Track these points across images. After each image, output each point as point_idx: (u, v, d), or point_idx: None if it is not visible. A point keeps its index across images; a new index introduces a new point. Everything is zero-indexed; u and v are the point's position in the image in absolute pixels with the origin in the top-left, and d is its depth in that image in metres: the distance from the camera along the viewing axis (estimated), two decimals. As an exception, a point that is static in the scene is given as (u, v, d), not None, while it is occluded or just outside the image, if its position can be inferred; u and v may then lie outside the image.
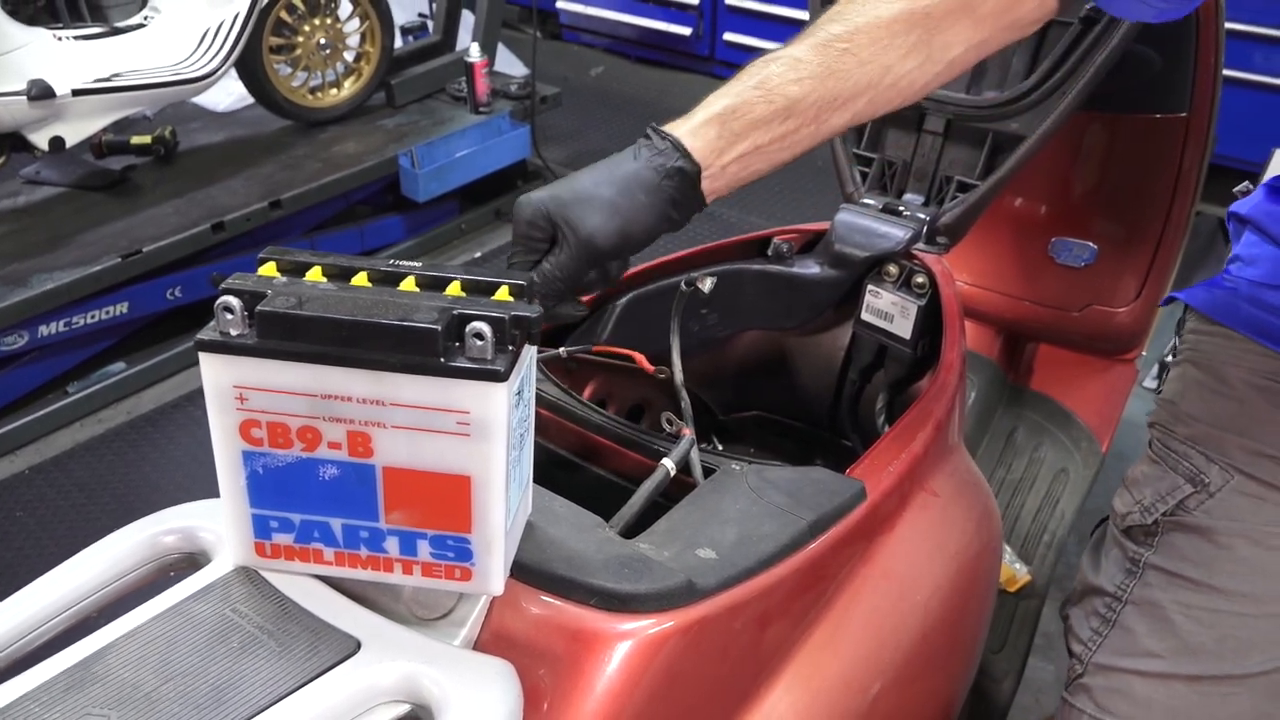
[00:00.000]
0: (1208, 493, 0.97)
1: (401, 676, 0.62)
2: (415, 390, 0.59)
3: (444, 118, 3.13)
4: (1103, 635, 1.02)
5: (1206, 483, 0.97)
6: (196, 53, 2.63)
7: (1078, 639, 1.06)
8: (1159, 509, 0.99)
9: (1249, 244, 1.04)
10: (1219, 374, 1.00)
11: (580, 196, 0.75)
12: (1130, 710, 0.98)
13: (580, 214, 0.74)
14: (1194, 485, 0.97)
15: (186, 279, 2.59)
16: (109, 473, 2.30)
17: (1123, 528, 1.04)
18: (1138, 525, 1.01)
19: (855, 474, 0.89)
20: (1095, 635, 1.03)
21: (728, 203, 3.41)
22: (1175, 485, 0.99)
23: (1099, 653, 1.02)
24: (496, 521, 0.63)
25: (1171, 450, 1.01)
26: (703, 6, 4.16)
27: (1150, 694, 0.97)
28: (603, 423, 0.93)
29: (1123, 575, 1.02)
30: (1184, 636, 0.96)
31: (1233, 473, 0.96)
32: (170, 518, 0.73)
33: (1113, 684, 1.00)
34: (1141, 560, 1.01)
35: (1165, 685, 0.96)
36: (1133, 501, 1.03)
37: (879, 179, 1.36)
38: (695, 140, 0.77)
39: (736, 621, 0.74)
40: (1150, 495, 1.01)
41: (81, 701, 0.57)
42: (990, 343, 1.80)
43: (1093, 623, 1.04)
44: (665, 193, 0.76)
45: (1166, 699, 0.96)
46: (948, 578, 0.95)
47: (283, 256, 0.64)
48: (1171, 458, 1.01)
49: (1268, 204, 1.00)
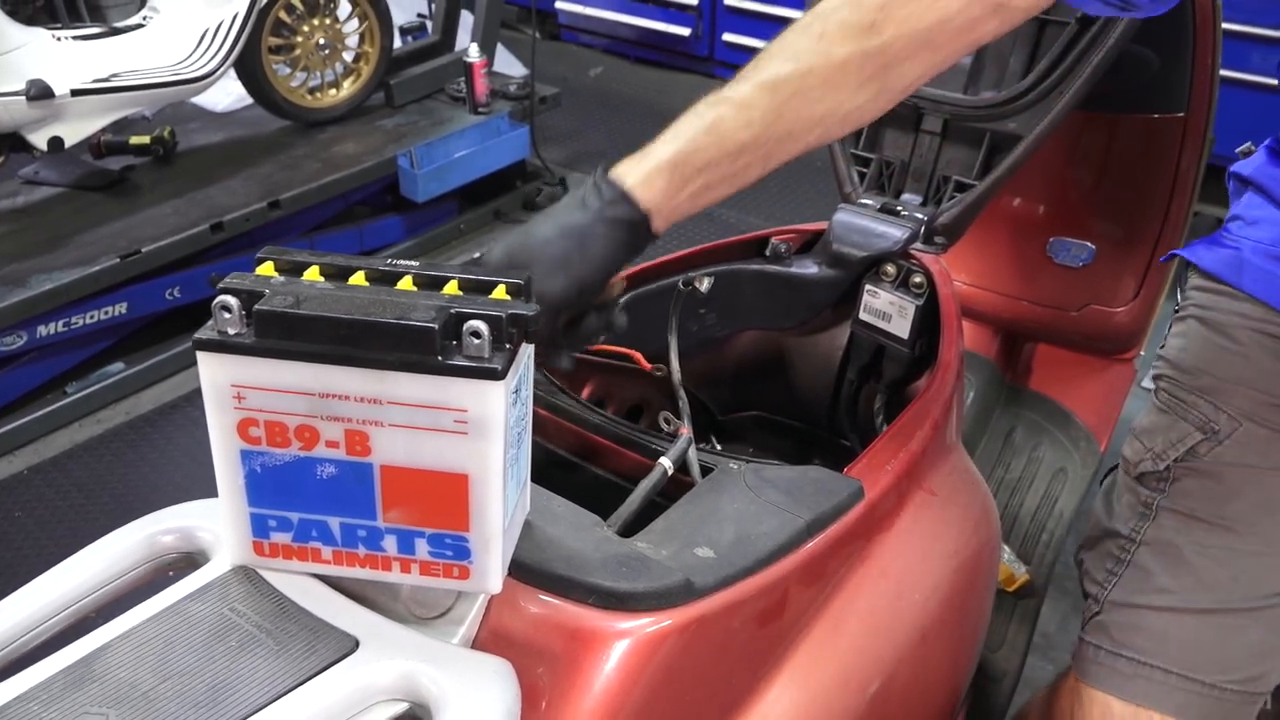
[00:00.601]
0: (1217, 440, 1.00)
1: (400, 675, 0.62)
2: (413, 389, 0.60)
3: (443, 118, 3.13)
4: (1117, 575, 1.05)
5: (1216, 430, 1.00)
6: (195, 53, 2.63)
7: (1093, 580, 1.09)
8: (1170, 455, 1.02)
9: (1251, 205, 1.05)
10: (1224, 330, 1.02)
11: (533, 254, 0.77)
12: (1145, 643, 1.01)
13: (534, 273, 0.74)
14: (1204, 433, 1.00)
15: (185, 279, 2.59)
16: (108, 473, 2.30)
17: (1135, 474, 1.07)
18: (1150, 471, 1.04)
19: (853, 473, 0.89)
20: (1110, 575, 1.06)
21: (727, 203, 3.39)
22: (1186, 433, 1.02)
23: (1114, 591, 1.05)
24: (494, 520, 0.63)
25: (1180, 400, 1.04)
26: (701, 7, 4.16)
27: (1165, 627, 1.00)
28: (601, 422, 0.93)
29: (1136, 518, 1.05)
30: (1197, 573, 0.99)
31: (1241, 420, 0.98)
32: (168, 517, 0.73)
33: (1128, 619, 1.03)
34: (1154, 504, 1.04)
35: (1178, 619, 1.00)
36: (1144, 449, 1.06)
37: (877, 179, 1.36)
38: (645, 190, 0.79)
39: (734, 620, 0.74)
40: (1161, 443, 1.04)
41: (80, 700, 0.57)
42: (989, 343, 1.80)
43: (1108, 564, 1.07)
44: (616, 241, 0.78)
45: (1180, 631, 1.00)
46: (946, 576, 0.96)
47: (280, 256, 0.64)
48: (1180, 407, 1.03)
49: (1270, 166, 1.02)
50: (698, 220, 0.83)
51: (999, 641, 1.47)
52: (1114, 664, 1.03)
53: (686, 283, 1.04)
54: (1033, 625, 1.50)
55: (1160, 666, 1.00)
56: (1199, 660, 0.99)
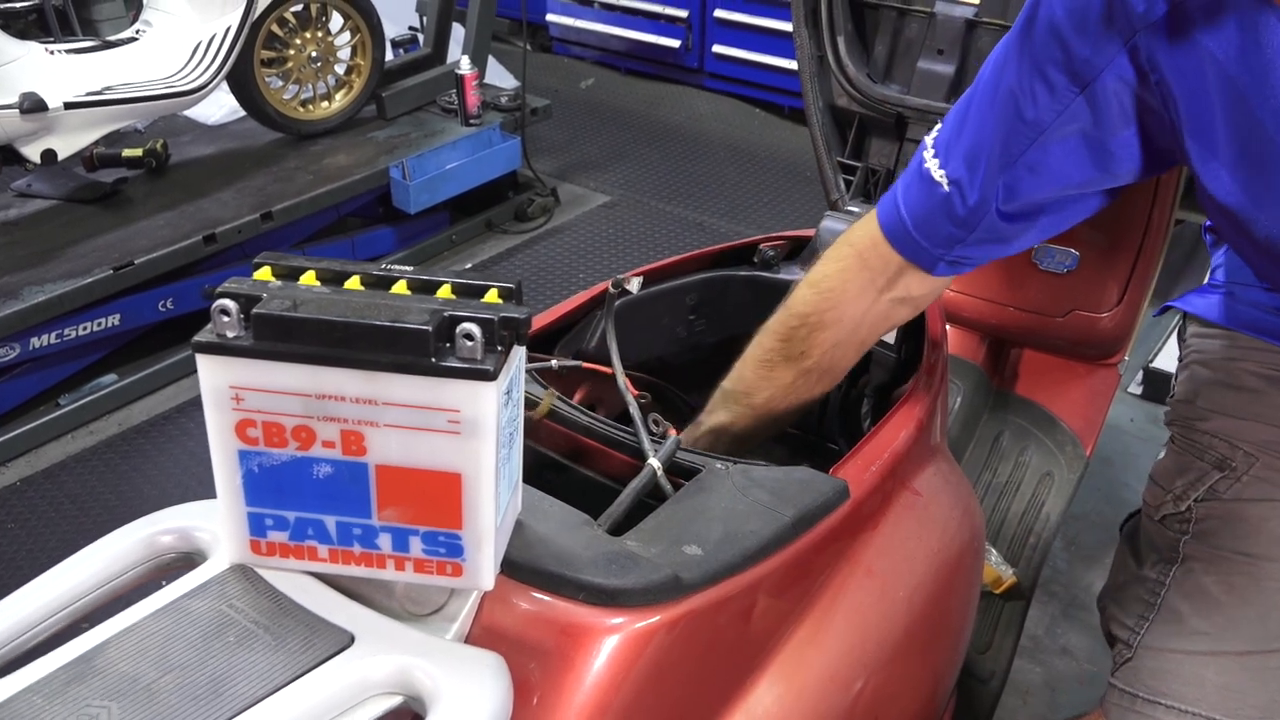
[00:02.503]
0: (1235, 476, 1.01)
1: (395, 669, 0.63)
2: (407, 390, 0.61)
3: (435, 130, 3.15)
4: (1148, 620, 1.05)
5: (1233, 466, 1.02)
6: (188, 66, 2.65)
7: (1122, 625, 1.08)
8: (1191, 495, 1.04)
9: (1227, 252, 1.09)
10: (1228, 371, 1.06)
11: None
12: (1183, 689, 0.99)
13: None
14: (1221, 470, 1.02)
15: (178, 291, 2.60)
16: (100, 484, 2.30)
17: (1157, 518, 1.08)
18: (1172, 514, 1.05)
19: (839, 473, 0.91)
20: (1141, 620, 1.05)
21: (716, 211, 3.44)
22: (1203, 473, 1.04)
23: (1146, 636, 1.04)
24: (487, 517, 0.65)
25: (1195, 443, 1.06)
26: (691, 19, 4.20)
27: (1201, 672, 0.99)
28: (590, 424, 0.94)
29: (1163, 562, 1.05)
30: (1228, 612, 0.99)
31: (1258, 454, 1.00)
32: (166, 518, 0.74)
33: (1162, 665, 1.01)
34: (1180, 545, 1.04)
35: (1215, 662, 0.99)
36: (1163, 492, 1.07)
37: (863, 186, 1.38)
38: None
39: (722, 616, 0.75)
40: (1181, 484, 1.05)
41: (83, 693, 0.58)
42: (975, 348, 1.82)
43: (1137, 608, 1.06)
44: None
45: (1217, 676, 0.98)
46: (930, 574, 0.97)
47: (277, 261, 0.66)
48: (1196, 448, 1.05)
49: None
50: (688, 228, 0.85)
51: (986, 643, 1.48)
52: (1152, 712, 1.00)
53: (616, 284, 1.05)
54: (1020, 627, 1.52)
55: (1200, 714, 0.98)
56: (1239, 705, 0.97)
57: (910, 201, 0.92)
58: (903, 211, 0.93)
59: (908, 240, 0.93)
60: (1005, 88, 0.83)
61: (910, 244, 0.93)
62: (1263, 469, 1.00)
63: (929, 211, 0.91)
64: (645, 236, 3.27)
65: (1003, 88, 0.84)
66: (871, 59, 1.49)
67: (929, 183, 0.90)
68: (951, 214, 0.89)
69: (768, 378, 1.03)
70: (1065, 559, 2.04)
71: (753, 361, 1.05)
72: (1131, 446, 2.30)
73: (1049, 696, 1.76)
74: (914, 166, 0.93)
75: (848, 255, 0.98)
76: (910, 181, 0.93)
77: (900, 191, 0.94)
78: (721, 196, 3.51)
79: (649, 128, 4.04)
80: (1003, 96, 0.84)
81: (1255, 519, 0.99)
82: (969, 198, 0.87)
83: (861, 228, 0.98)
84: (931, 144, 0.91)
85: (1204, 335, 1.12)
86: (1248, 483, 1.00)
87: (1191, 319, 1.16)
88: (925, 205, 0.91)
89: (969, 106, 0.88)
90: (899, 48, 1.45)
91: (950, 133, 0.89)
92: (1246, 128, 0.73)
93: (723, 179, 3.65)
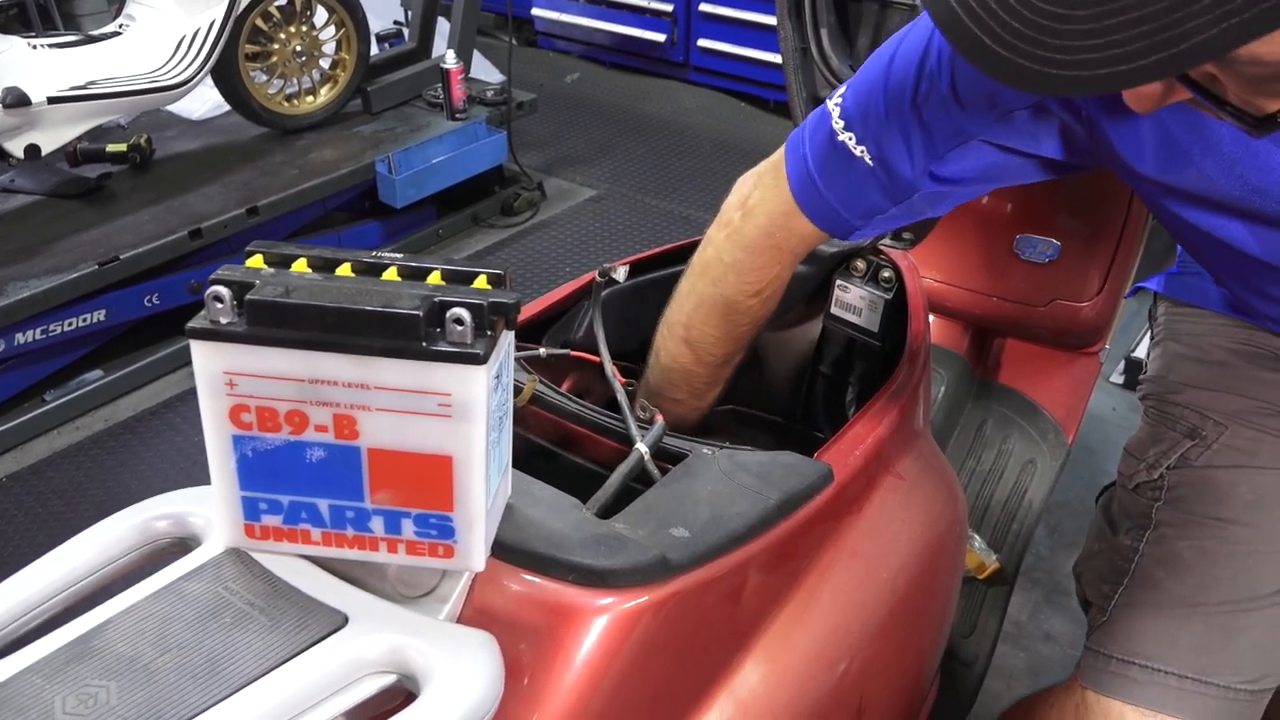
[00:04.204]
0: (1205, 444, 1.04)
1: (388, 648, 0.64)
2: (398, 374, 0.62)
3: (420, 124, 3.15)
4: (1122, 584, 1.06)
5: (1204, 435, 1.04)
6: (172, 60, 2.64)
7: (1097, 590, 1.10)
8: (1163, 464, 1.06)
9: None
10: (1199, 345, 1.09)
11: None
12: (1155, 649, 1.01)
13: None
14: (1192, 439, 1.05)
15: (164, 286, 2.59)
16: (87, 480, 2.30)
17: (1131, 486, 1.10)
18: (1145, 482, 1.08)
19: (823, 458, 0.92)
20: (1115, 585, 1.07)
21: (702, 205, 3.45)
22: (1175, 442, 1.06)
23: (1120, 599, 1.06)
24: (477, 500, 0.66)
25: (1166, 414, 1.09)
26: (677, 13, 4.20)
27: (1175, 633, 1.01)
28: (578, 411, 0.95)
29: (1136, 528, 1.08)
30: (1200, 574, 1.01)
31: (1227, 423, 1.03)
32: (161, 504, 0.75)
33: (1136, 626, 1.03)
34: (1153, 512, 1.06)
35: (1186, 621, 1.01)
36: (1137, 462, 1.10)
37: (846, 178, 1.40)
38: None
39: (709, 596, 0.77)
40: (1153, 454, 1.08)
41: (82, 673, 0.59)
42: (959, 338, 1.84)
43: (1112, 574, 1.08)
44: None
45: (1189, 635, 1.00)
46: (913, 557, 0.99)
47: (269, 249, 0.67)
48: (1168, 419, 1.08)
49: None
50: (675, 220, 0.87)
51: (970, 627, 1.51)
52: (1126, 671, 1.02)
53: (603, 273, 1.05)
54: (1003, 612, 1.54)
55: (1174, 672, 0.99)
56: (1211, 663, 0.99)
57: (829, 177, 0.91)
58: (820, 187, 0.92)
59: (830, 214, 0.93)
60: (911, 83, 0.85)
61: (831, 216, 0.94)
62: (1232, 437, 1.03)
63: (850, 185, 0.91)
64: (631, 230, 3.28)
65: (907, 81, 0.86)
66: (854, 51, 1.50)
67: (847, 156, 0.89)
68: (881, 188, 0.90)
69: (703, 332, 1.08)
70: (1048, 546, 2.07)
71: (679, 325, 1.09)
72: (1113, 435, 2.33)
73: (1032, 681, 1.78)
74: (823, 137, 0.91)
75: (766, 247, 0.99)
76: (823, 154, 0.91)
77: (815, 168, 0.92)
78: (707, 190, 3.52)
79: (634, 122, 4.05)
80: (901, 78, 0.85)
81: (1225, 484, 1.02)
82: (897, 174, 0.88)
83: (771, 203, 0.97)
84: (840, 115, 0.90)
85: (1174, 314, 1.16)
86: (1218, 450, 1.03)
87: (1162, 298, 1.20)
88: (846, 179, 0.91)
89: (885, 79, 0.87)
90: (881, 40, 1.46)
91: (860, 105, 0.89)
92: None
93: (708, 172, 3.66)
